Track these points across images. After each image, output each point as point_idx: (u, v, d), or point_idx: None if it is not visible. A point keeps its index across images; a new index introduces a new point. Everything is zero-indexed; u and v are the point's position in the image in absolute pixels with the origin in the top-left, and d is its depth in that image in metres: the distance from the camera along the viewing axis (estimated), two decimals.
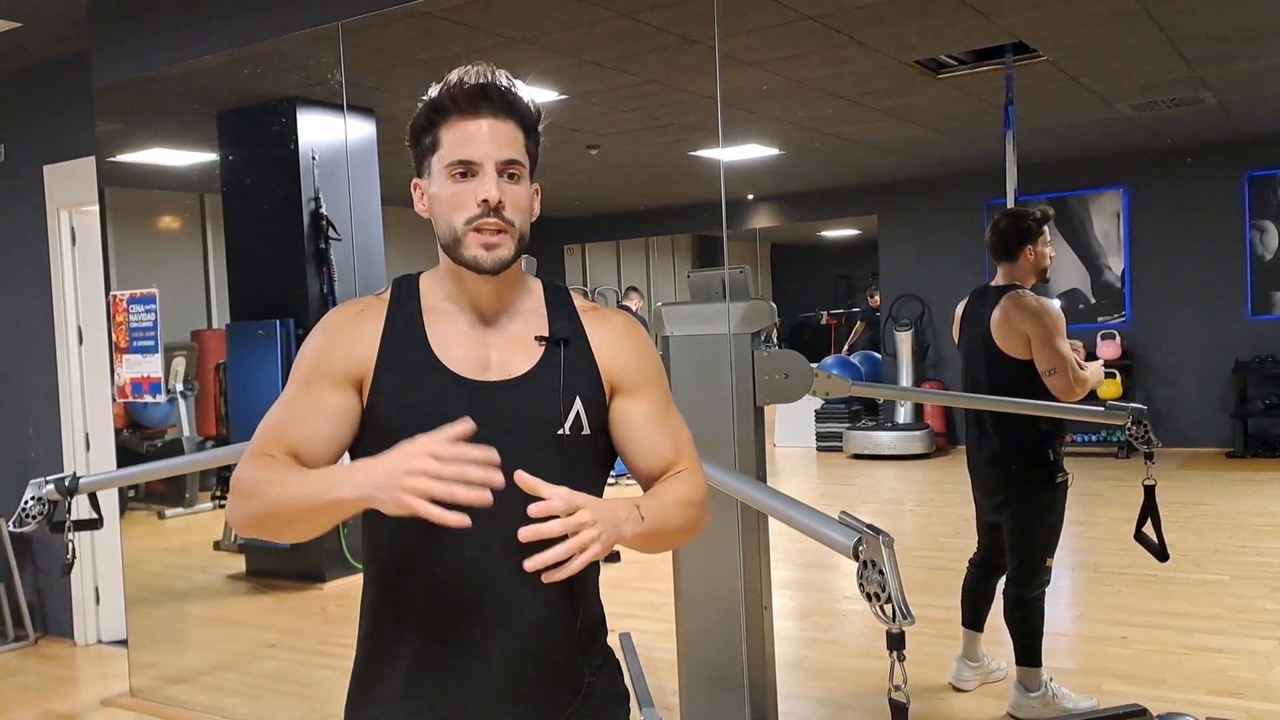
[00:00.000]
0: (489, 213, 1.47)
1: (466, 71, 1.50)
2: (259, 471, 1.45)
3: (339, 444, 1.52)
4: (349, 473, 1.34)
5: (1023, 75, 5.17)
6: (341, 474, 1.35)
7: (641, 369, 1.60)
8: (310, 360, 1.54)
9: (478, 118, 1.48)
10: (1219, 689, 3.83)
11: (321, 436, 1.50)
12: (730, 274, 3.36)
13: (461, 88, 1.49)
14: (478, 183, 1.47)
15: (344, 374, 1.52)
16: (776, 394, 3.25)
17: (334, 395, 1.51)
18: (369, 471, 1.31)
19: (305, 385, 1.53)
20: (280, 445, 1.49)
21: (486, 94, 1.49)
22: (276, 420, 1.52)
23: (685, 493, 1.55)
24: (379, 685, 1.55)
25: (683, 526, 1.54)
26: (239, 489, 1.46)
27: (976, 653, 3.94)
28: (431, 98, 1.51)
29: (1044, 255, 3.73)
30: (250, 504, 1.44)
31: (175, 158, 5.70)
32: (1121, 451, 6.28)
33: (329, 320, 1.57)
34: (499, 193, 1.47)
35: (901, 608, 1.81)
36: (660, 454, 1.58)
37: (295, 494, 1.39)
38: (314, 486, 1.37)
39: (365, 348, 1.53)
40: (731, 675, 3.28)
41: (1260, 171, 6.63)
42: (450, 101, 1.49)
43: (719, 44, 3.53)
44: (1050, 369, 3.54)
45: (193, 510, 5.88)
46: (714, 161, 4.94)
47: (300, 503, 1.38)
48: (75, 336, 5.47)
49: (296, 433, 1.50)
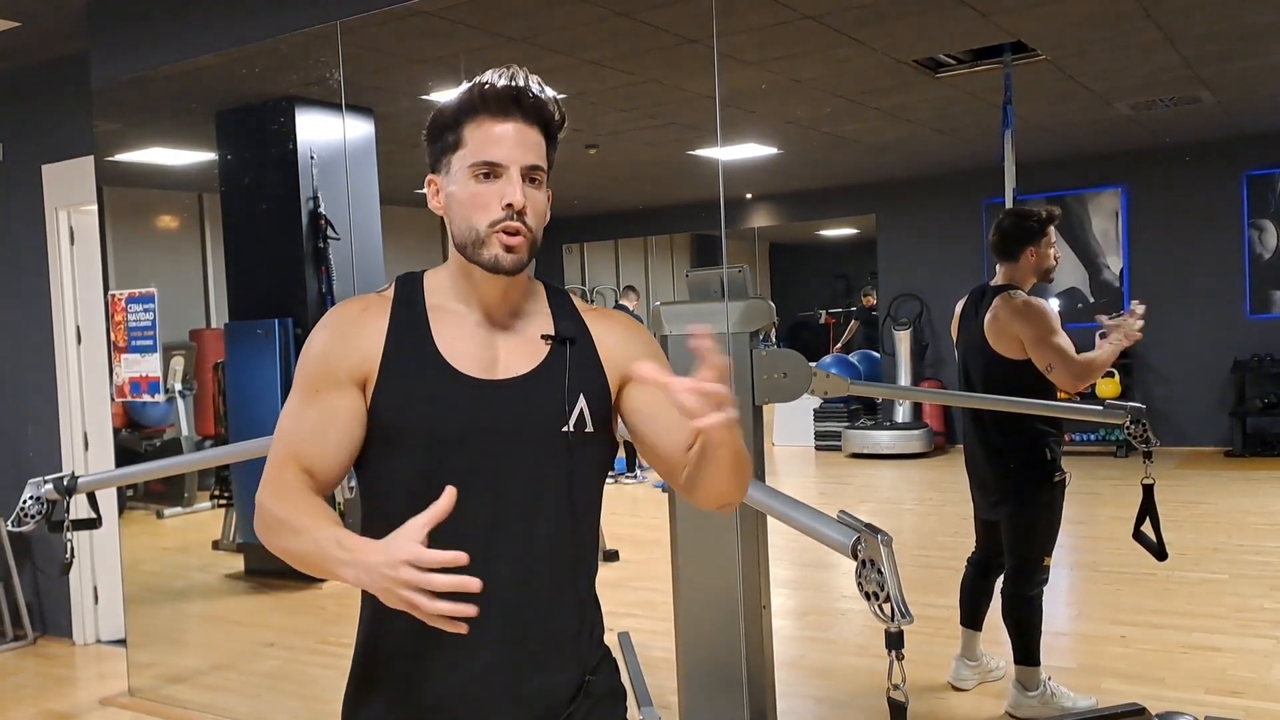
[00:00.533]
0: (512, 216, 1.47)
1: (499, 73, 1.50)
2: (277, 507, 1.46)
3: (352, 451, 1.52)
4: (353, 557, 1.33)
5: (1021, 74, 5.17)
6: (348, 555, 1.34)
7: (651, 354, 1.60)
8: (315, 364, 1.54)
9: (506, 120, 1.48)
10: (1217, 688, 3.84)
11: (333, 448, 1.51)
12: (729, 273, 3.36)
13: (494, 89, 1.48)
14: (502, 185, 1.47)
15: (349, 376, 1.51)
16: (775, 393, 3.25)
17: (341, 400, 1.51)
18: (368, 560, 1.30)
19: (313, 393, 1.52)
20: (295, 464, 1.50)
21: (518, 98, 1.49)
22: (290, 437, 1.52)
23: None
24: (378, 684, 1.55)
25: (742, 469, 1.47)
26: (263, 517, 1.48)
27: (975, 652, 3.94)
28: (461, 95, 1.51)
29: (1047, 256, 3.71)
30: (271, 538, 1.47)
31: (174, 157, 5.70)
32: (1120, 450, 6.28)
33: (331, 319, 1.57)
34: (523, 197, 1.47)
35: (900, 607, 1.81)
36: (687, 426, 1.52)
37: (304, 550, 1.41)
38: (318, 553, 1.39)
39: (370, 346, 1.52)
40: (730, 674, 3.27)
41: (1258, 170, 6.63)
42: (480, 101, 1.48)
43: (717, 43, 3.53)
44: (1048, 365, 3.54)
45: (191, 510, 5.88)
46: (712, 161, 4.93)
47: (308, 559, 1.42)
48: (74, 336, 5.47)
49: (310, 450, 1.50)
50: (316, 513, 1.45)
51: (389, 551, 1.26)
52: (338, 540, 1.37)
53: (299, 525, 1.43)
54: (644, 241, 9.88)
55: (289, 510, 1.45)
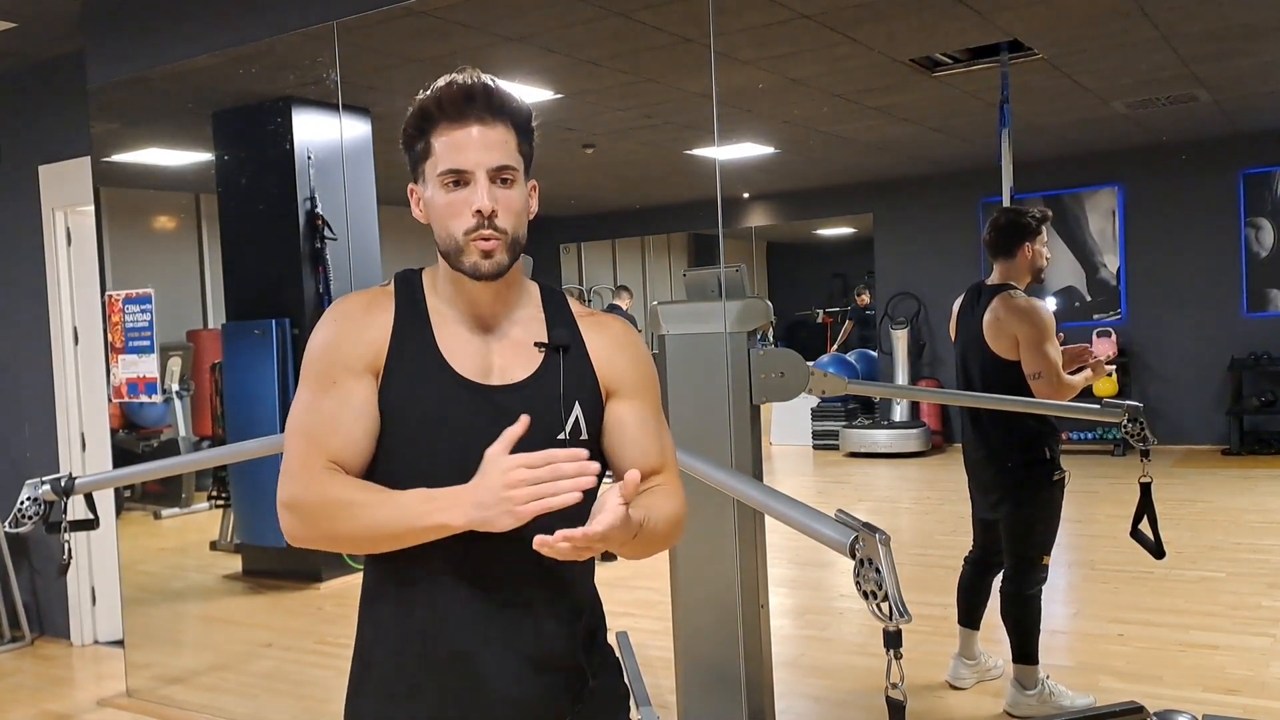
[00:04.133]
0: (483, 224, 1.46)
1: (451, 78, 1.49)
2: (326, 492, 1.45)
3: (372, 439, 1.51)
4: (451, 499, 1.37)
5: (1018, 73, 5.18)
6: (443, 500, 1.38)
7: (637, 375, 1.61)
8: (325, 353, 1.52)
9: (466, 124, 1.47)
10: (1215, 686, 3.84)
11: (356, 438, 1.49)
12: (726, 272, 3.36)
13: (448, 94, 1.48)
14: (470, 192, 1.47)
15: (361, 363, 1.50)
16: (773, 392, 3.25)
17: (357, 387, 1.50)
18: (473, 496, 1.35)
19: (327, 383, 1.50)
20: (321, 457, 1.47)
21: (472, 99, 1.48)
22: (309, 429, 1.50)
23: (669, 508, 1.54)
24: (380, 685, 1.55)
25: (664, 538, 1.54)
26: (305, 509, 1.46)
27: (973, 651, 3.94)
28: (418, 105, 1.50)
29: (1040, 255, 3.75)
30: (324, 524, 1.45)
31: (170, 158, 5.69)
32: (1117, 449, 6.29)
33: (337, 310, 1.56)
34: (491, 202, 1.46)
35: (898, 606, 1.81)
36: (648, 460, 1.58)
37: (389, 518, 1.41)
38: (411, 512, 1.40)
39: (377, 337, 1.52)
40: (728, 673, 3.28)
41: (1255, 169, 6.63)
42: (436, 108, 1.48)
43: (714, 42, 3.53)
44: (1036, 373, 3.55)
45: (189, 510, 5.87)
46: (709, 160, 4.93)
47: (394, 526, 1.41)
48: (71, 337, 5.47)
49: (333, 441, 1.48)
50: (371, 486, 1.45)
51: (499, 464, 1.34)
52: (424, 496, 1.40)
53: (363, 500, 1.43)
54: (641, 241, 9.88)
55: (343, 491, 1.44)
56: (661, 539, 1.53)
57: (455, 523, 1.36)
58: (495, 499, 1.33)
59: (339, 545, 1.49)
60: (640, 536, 1.44)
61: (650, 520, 1.46)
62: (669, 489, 1.58)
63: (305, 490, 1.46)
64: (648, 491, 1.56)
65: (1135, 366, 6.65)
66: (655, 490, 1.57)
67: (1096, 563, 5.48)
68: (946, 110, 6.02)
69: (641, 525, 1.42)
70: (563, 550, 1.31)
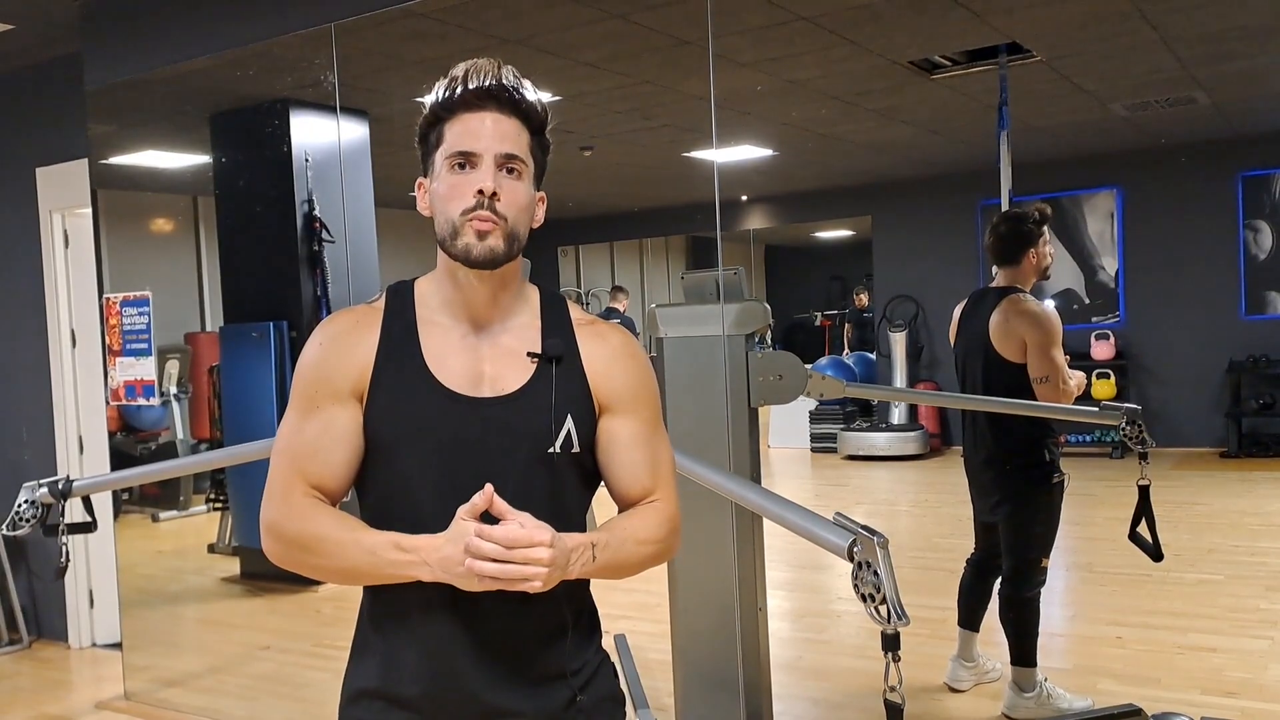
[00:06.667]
0: (483, 204, 1.45)
1: (472, 66, 1.48)
2: (303, 527, 1.46)
3: (353, 465, 1.52)
4: (420, 555, 1.40)
5: (1016, 75, 5.18)
6: (414, 554, 1.41)
7: (632, 391, 1.58)
8: (310, 377, 1.52)
9: (481, 111, 1.47)
10: (1213, 688, 3.84)
11: (336, 464, 1.50)
12: (724, 275, 3.36)
13: (467, 82, 1.47)
14: (475, 174, 1.46)
15: (346, 388, 1.50)
16: (771, 395, 3.25)
17: (340, 413, 1.50)
18: (439, 556, 1.38)
19: (311, 407, 1.51)
20: (302, 482, 1.49)
21: (491, 89, 1.47)
22: (293, 453, 1.50)
23: (650, 530, 1.54)
24: (374, 688, 1.54)
25: (640, 563, 1.54)
26: (284, 539, 1.48)
27: (972, 653, 3.94)
28: (437, 94, 1.50)
29: (1045, 255, 3.74)
30: (301, 557, 1.48)
31: (168, 160, 5.68)
32: (1116, 451, 6.28)
33: (324, 332, 1.55)
34: (494, 184, 1.45)
35: (896, 609, 1.80)
36: (639, 480, 1.57)
37: (351, 562, 1.44)
38: (382, 559, 1.42)
39: (362, 359, 1.51)
40: (726, 676, 3.27)
41: (1254, 171, 6.64)
42: (455, 96, 1.48)
43: (712, 45, 3.53)
44: (1042, 376, 3.55)
45: (187, 513, 5.86)
46: (708, 162, 4.93)
47: (366, 570, 1.45)
48: (68, 339, 5.46)
49: (314, 466, 1.49)
50: (351, 524, 1.46)
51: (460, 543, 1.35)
52: (394, 544, 1.41)
53: (339, 539, 1.44)
54: (639, 243, 9.89)
55: (319, 527, 1.46)
56: (636, 562, 1.53)
57: (424, 577, 1.40)
58: (461, 568, 1.36)
59: (316, 575, 1.51)
60: (603, 562, 1.46)
61: (613, 544, 1.48)
62: (655, 507, 1.57)
63: (285, 519, 1.48)
64: (626, 514, 1.56)
65: (1134, 369, 6.66)
66: (636, 511, 1.56)
67: (1095, 565, 5.48)
68: (945, 112, 6.02)
69: (593, 556, 1.45)
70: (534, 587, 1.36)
